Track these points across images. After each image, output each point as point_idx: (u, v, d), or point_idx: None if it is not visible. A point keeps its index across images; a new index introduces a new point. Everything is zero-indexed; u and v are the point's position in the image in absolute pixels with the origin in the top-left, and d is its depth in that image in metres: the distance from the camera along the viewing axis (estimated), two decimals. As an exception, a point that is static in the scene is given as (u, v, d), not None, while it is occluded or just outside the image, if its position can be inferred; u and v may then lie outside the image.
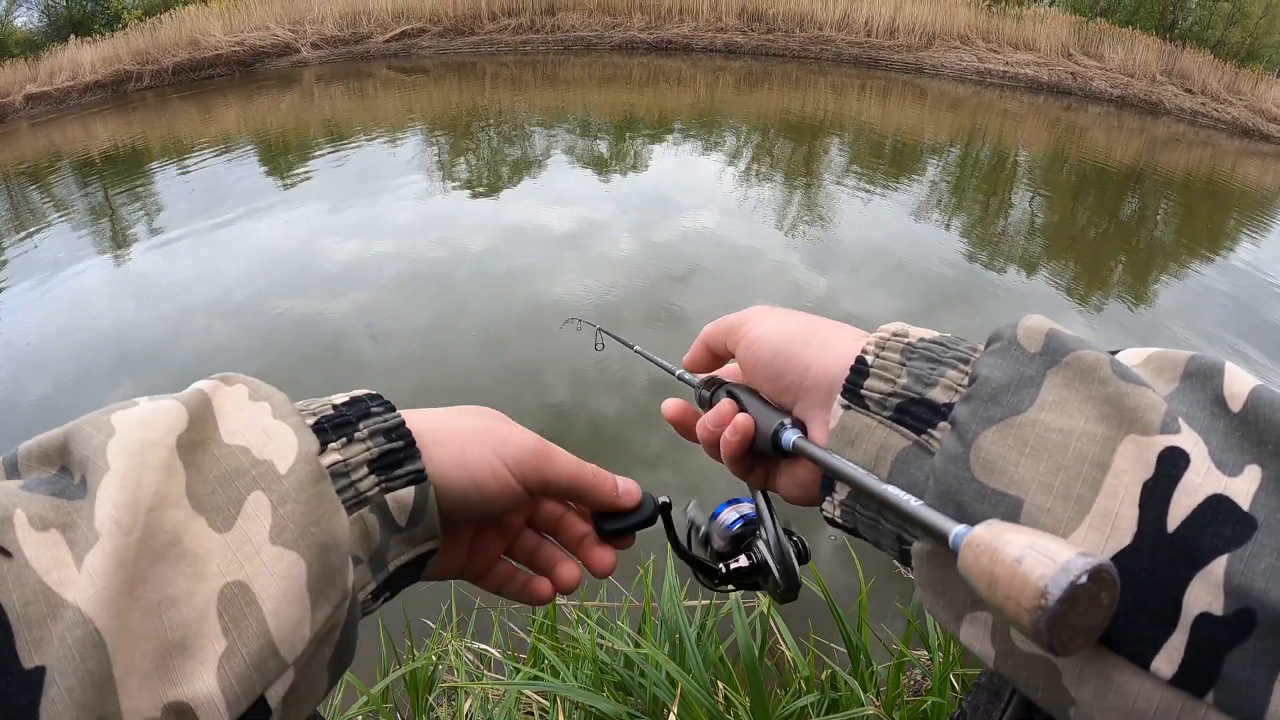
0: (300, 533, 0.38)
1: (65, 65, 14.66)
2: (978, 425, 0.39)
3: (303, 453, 0.41)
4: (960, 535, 0.35)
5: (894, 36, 16.18)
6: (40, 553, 0.33)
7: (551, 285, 5.37)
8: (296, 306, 5.13)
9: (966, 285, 5.94)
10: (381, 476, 0.45)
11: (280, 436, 0.41)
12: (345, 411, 0.46)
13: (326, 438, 0.44)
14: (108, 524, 0.34)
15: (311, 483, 0.40)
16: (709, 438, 0.57)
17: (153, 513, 0.35)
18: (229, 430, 0.41)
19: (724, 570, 0.62)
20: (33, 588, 0.32)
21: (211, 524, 0.37)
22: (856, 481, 0.44)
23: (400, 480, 0.45)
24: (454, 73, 15.01)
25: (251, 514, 0.38)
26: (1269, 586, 0.31)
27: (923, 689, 1.61)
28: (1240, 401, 0.36)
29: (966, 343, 0.46)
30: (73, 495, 0.36)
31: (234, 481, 0.39)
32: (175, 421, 0.39)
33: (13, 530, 0.33)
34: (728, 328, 0.58)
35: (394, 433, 0.47)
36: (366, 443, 0.45)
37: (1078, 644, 0.31)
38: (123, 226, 7.32)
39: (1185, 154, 12.12)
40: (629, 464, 3.39)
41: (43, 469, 0.38)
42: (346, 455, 0.44)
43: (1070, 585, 0.29)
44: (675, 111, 12.04)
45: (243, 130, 11.03)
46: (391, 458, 0.46)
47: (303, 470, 0.40)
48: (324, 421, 0.45)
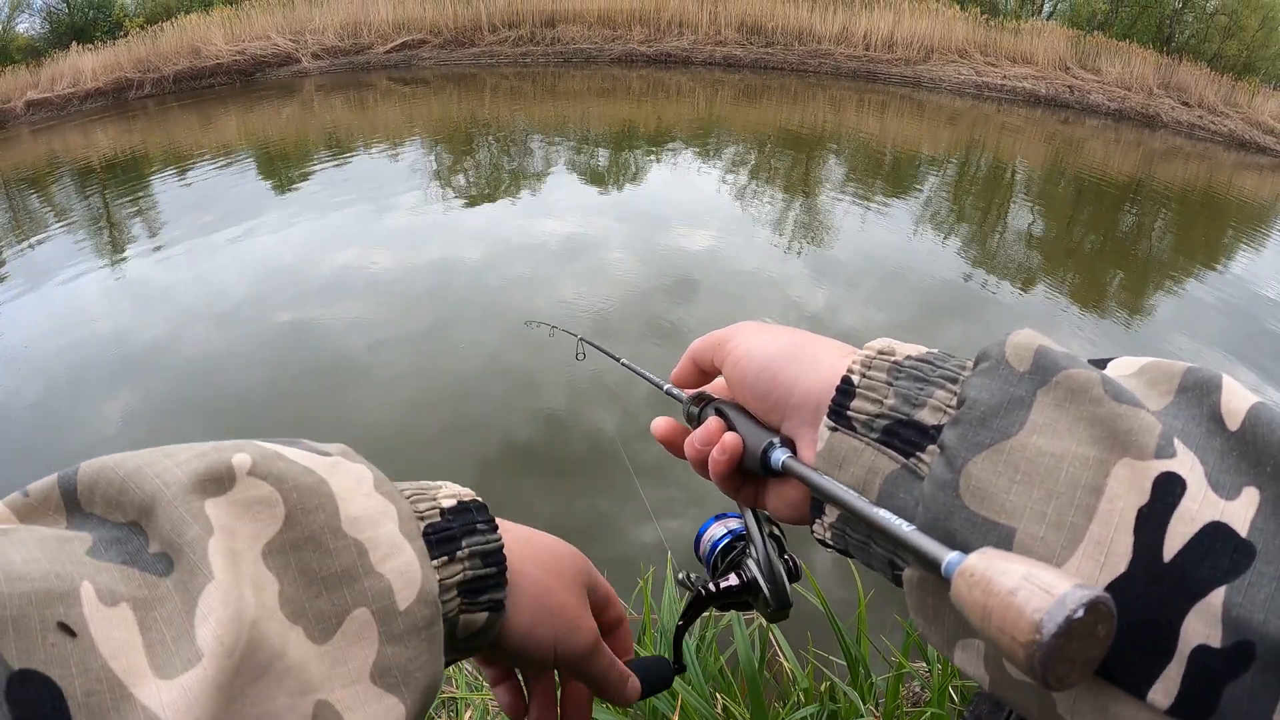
0: (404, 678, 0.38)
1: (66, 72, 14.70)
2: (967, 451, 0.38)
3: (425, 592, 0.40)
4: (954, 564, 0.34)
5: (892, 50, 16.23)
6: (109, 633, 0.30)
7: (548, 297, 5.37)
8: (294, 316, 5.13)
9: (964, 298, 5.95)
10: (465, 600, 0.44)
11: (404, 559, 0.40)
12: (451, 523, 0.45)
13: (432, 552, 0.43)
14: (211, 643, 0.31)
15: (426, 627, 0.39)
16: (697, 456, 0.56)
17: (256, 627, 0.33)
18: (349, 518, 0.39)
19: (713, 589, 0.61)
20: (97, 675, 0.29)
21: (309, 633, 0.35)
22: (848, 505, 0.43)
23: (480, 606, 0.45)
24: (454, 84, 15.04)
25: (355, 634, 0.37)
26: (1268, 618, 0.30)
27: (921, 700, 1.61)
28: (1238, 420, 0.35)
29: (955, 359, 0.45)
30: (146, 567, 0.33)
31: (341, 588, 0.37)
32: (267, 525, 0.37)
33: (79, 605, 0.30)
34: (715, 343, 0.57)
35: (491, 558, 0.46)
36: (464, 564, 0.44)
37: (1073, 678, 0.30)
38: (122, 234, 7.33)
39: (1182, 166, 12.15)
40: (629, 478, 3.39)
41: (108, 511, 0.35)
42: (444, 575, 0.43)
43: (1066, 620, 0.28)
44: (674, 124, 12.06)
45: (243, 139, 11.04)
46: (481, 583, 0.45)
47: (421, 614, 0.39)
48: (430, 532, 0.44)
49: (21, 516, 0.35)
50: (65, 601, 0.30)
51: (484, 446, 3.77)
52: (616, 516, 3.28)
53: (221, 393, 4.25)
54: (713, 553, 0.67)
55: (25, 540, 0.32)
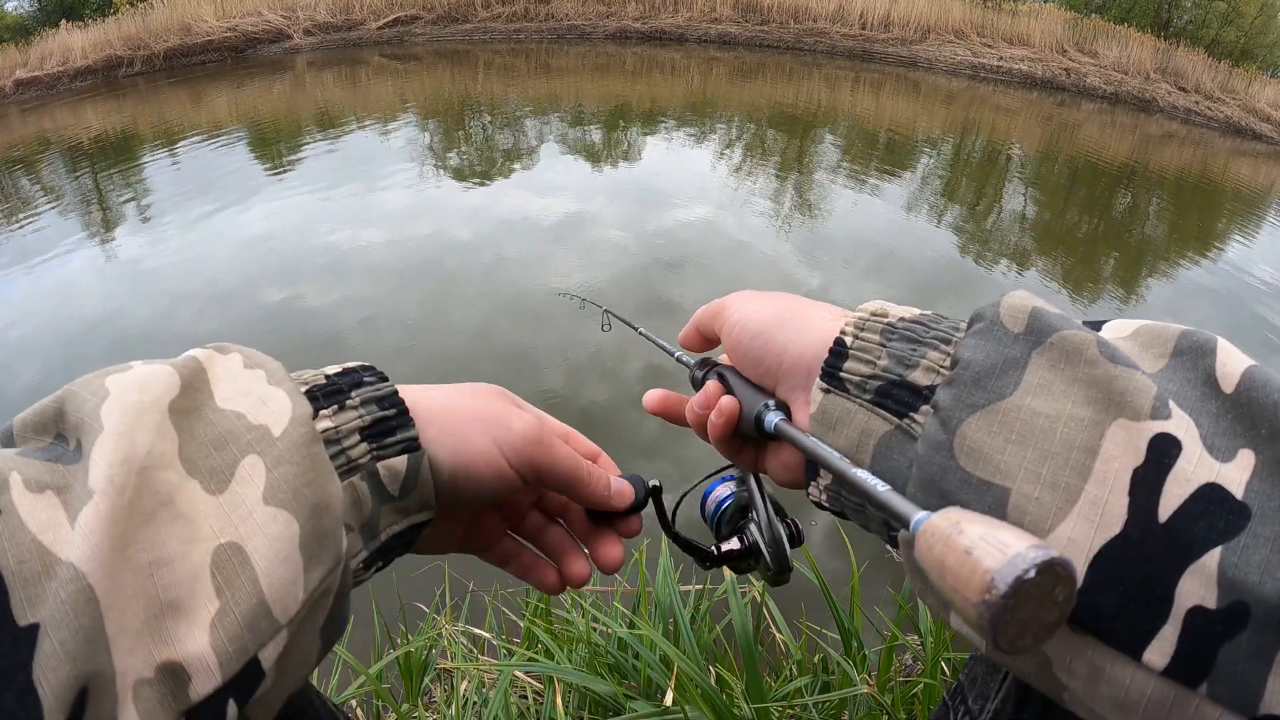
0: (293, 494, 0.38)
1: (56, 50, 14.54)
2: (961, 412, 0.38)
3: (297, 415, 0.41)
4: (920, 522, 0.34)
5: (889, 29, 16.17)
6: (35, 513, 0.33)
7: (543, 274, 5.35)
8: (286, 294, 5.11)
9: (958, 278, 5.96)
10: (373, 444, 0.44)
11: (275, 402, 0.41)
12: (338, 380, 0.46)
13: (318, 404, 0.43)
14: (101, 482, 0.33)
15: (305, 445, 0.40)
16: (696, 420, 0.57)
17: (145, 473, 0.35)
18: (223, 396, 0.41)
19: (716, 552, 0.61)
20: (28, 546, 0.32)
21: (205, 487, 0.37)
22: (829, 464, 0.43)
23: (392, 448, 0.45)
24: (447, 61, 14.93)
25: (246, 477, 0.38)
26: (1263, 579, 0.31)
27: (914, 672, 1.63)
28: (1233, 383, 0.36)
29: (948, 321, 0.45)
30: (68, 460, 0.35)
31: (228, 445, 0.38)
32: (168, 386, 0.39)
33: (8, 491, 0.33)
34: (714, 312, 0.58)
35: (386, 401, 0.46)
36: (359, 410, 0.45)
37: (1026, 642, 0.29)
38: (112, 213, 7.26)
39: (1178, 152, 12.16)
40: (623, 449, 3.40)
41: (39, 438, 0.38)
42: (338, 422, 0.44)
43: (1016, 580, 0.28)
44: (669, 102, 12.00)
45: (234, 117, 10.95)
46: (384, 425, 0.45)
47: (296, 433, 0.40)
48: (316, 390, 0.44)
49: None
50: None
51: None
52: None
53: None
54: (717, 512, 0.67)
55: None
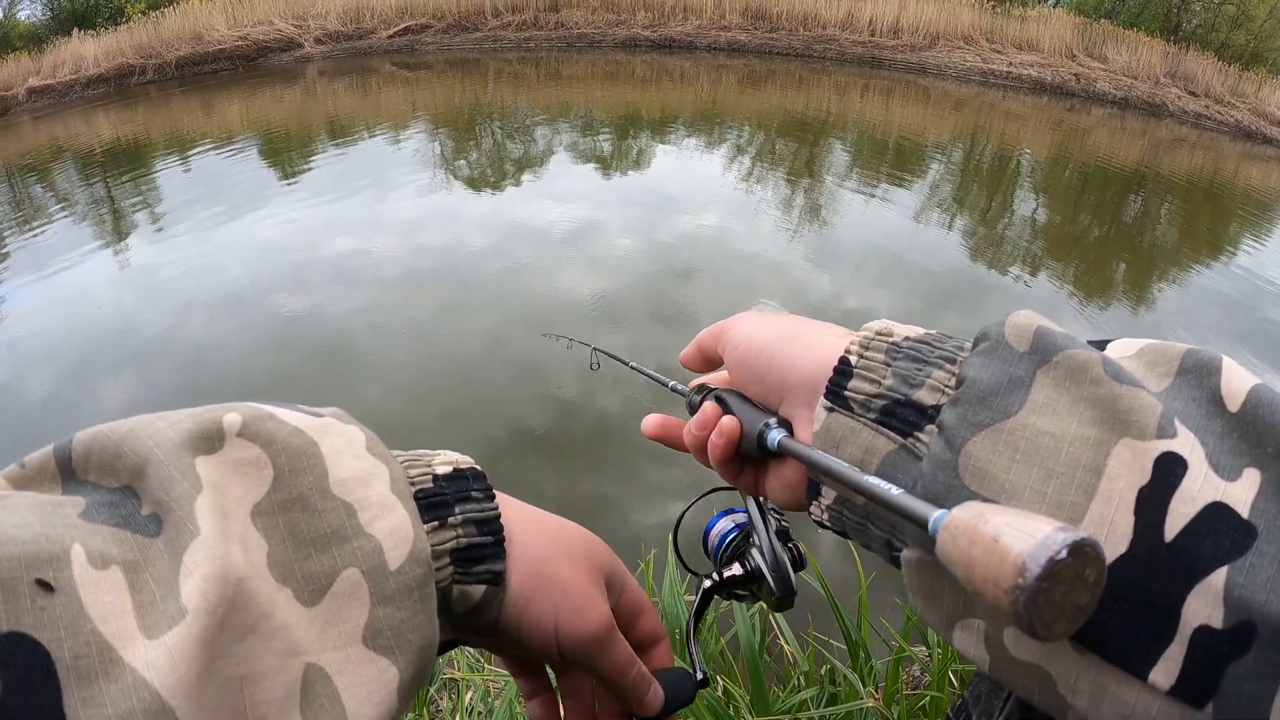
0: (397, 640, 0.37)
1: (68, 58, 14.66)
2: (966, 431, 0.38)
3: (416, 551, 0.38)
4: (940, 519, 0.33)
5: (898, 36, 16.16)
6: (99, 596, 0.30)
7: (554, 282, 5.36)
8: (297, 302, 5.13)
9: (968, 285, 5.94)
10: (459, 569, 0.43)
11: (395, 519, 0.39)
12: (445, 489, 0.44)
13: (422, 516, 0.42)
14: (196, 599, 0.30)
15: (419, 587, 0.38)
16: (695, 442, 0.56)
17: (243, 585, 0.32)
18: (338, 480, 0.38)
19: (718, 579, 0.61)
20: (86, 639, 0.29)
21: (298, 595, 0.35)
22: (839, 475, 0.42)
23: (475, 577, 0.44)
24: (457, 69, 14.99)
25: (345, 595, 0.36)
26: (1269, 598, 0.30)
27: (922, 684, 1.62)
28: (1238, 401, 0.35)
29: (953, 340, 0.44)
30: (139, 529, 0.33)
31: (331, 549, 0.36)
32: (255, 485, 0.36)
33: (69, 567, 0.30)
34: (717, 332, 0.57)
35: (486, 526, 0.45)
36: (458, 530, 0.43)
37: (1061, 626, 0.29)
38: (125, 221, 7.32)
39: (1188, 156, 12.11)
40: (635, 458, 3.40)
41: (102, 476, 0.35)
42: (436, 541, 0.42)
43: (1049, 561, 0.27)
44: (678, 110, 12.03)
45: (245, 125, 11.02)
46: (476, 552, 0.44)
47: (413, 574, 0.38)
48: (422, 496, 0.43)
49: (18, 487, 0.34)
50: (55, 565, 0.29)
51: (489, 431, 3.77)
52: (620, 498, 3.29)
53: (225, 378, 4.25)
54: (720, 546, 0.67)
55: (18, 505, 0.31)
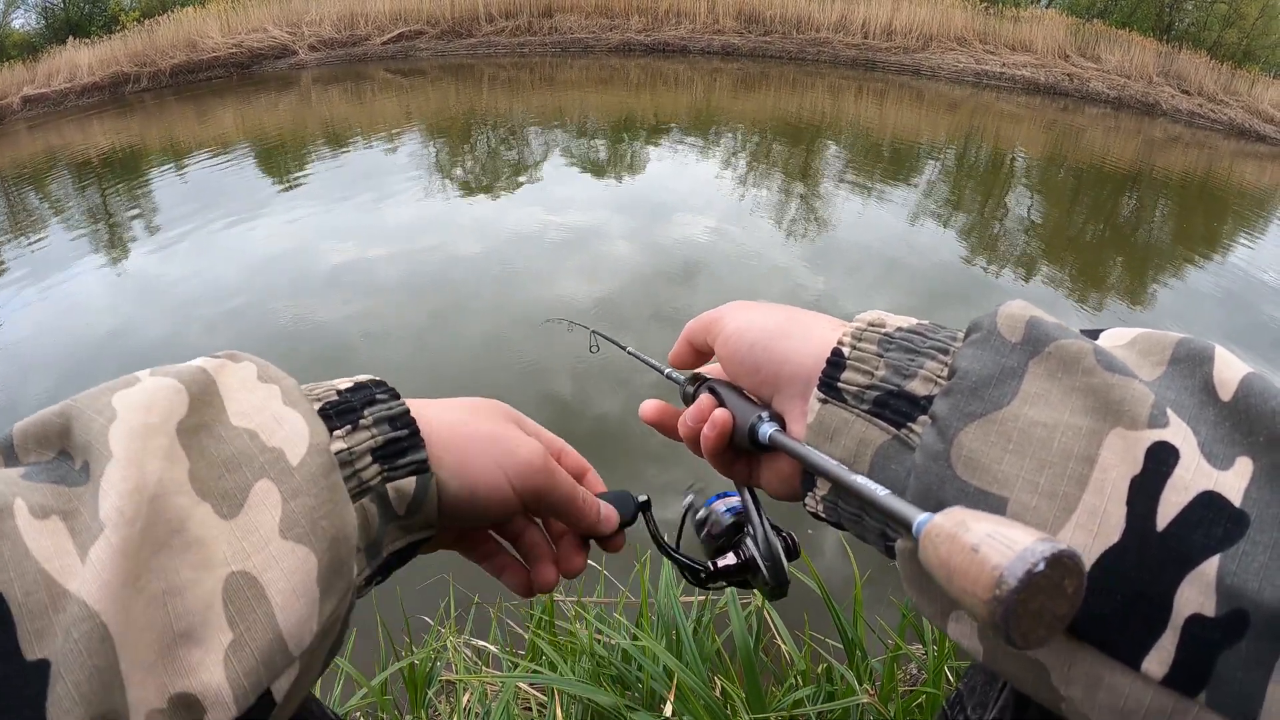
0: (311, 526, 0.38)
1: (63, 67, 14.65)
2: (959, 421, 0.38)
3: (315, 443, 0.40)
4: (923, 524, 0.33)
5: (891, 38, 16.17)
6: (41, 541, 0.32)
7: (550, 287, 5.36)
8: (293, 309, 5.12)
9: (964, 285, 5.94)
10: (384, 465, 0.44)
11: (291, 424, 0.40)
12: (350, 398, 0.45)
13: (331, 424, 0.43)
14: (112, 514, 0.32)
15: (324, 475, 0.39)
16: (689, 434, 0.57)
17: (156, 500, 0.34)
18: (236, 411, 0.40)
19: (711, 568, 0.61)
20: (34, 577, 0.31)
21: (217, 510, 0.36)
22: (828, 473, 0.43)
23: (403, 470, 0.45)
24: (451, 75, 14.98)
25: (259, 503, 0.37)
26: (1262, 587, 0.31)
27: (918, 682, 1.62)
28: (1230, 390, 0.36)
29: (946, 331, 0.45)
30: (73, 481, 0.34)
31: (241, 467, 0.38)
32: (177, 405, 0.38)
33: (13, 518, 0.32)
34: (707, 323, 0.58)
35: (398, 421, 0.46)
36: (371, 430, 0.44)
37: (1039, 635, 0.29)
38: (120, 229, 7.30)
39: (1182, 155, 12.12)
40: (634, 458, 3.40)
41: (41, 451, 0.37)
42: (351, 443, 0.43)
43: (1026, 574, 0.28)
44: (673, 114, 12.03)
45: (240, 133, 11.01)
46: (395, 446, 0.45)
47: (314, 462, 0.39)
48: (329, 408, 0.44)
49: None
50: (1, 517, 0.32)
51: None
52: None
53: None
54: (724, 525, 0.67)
55: None
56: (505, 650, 1.78)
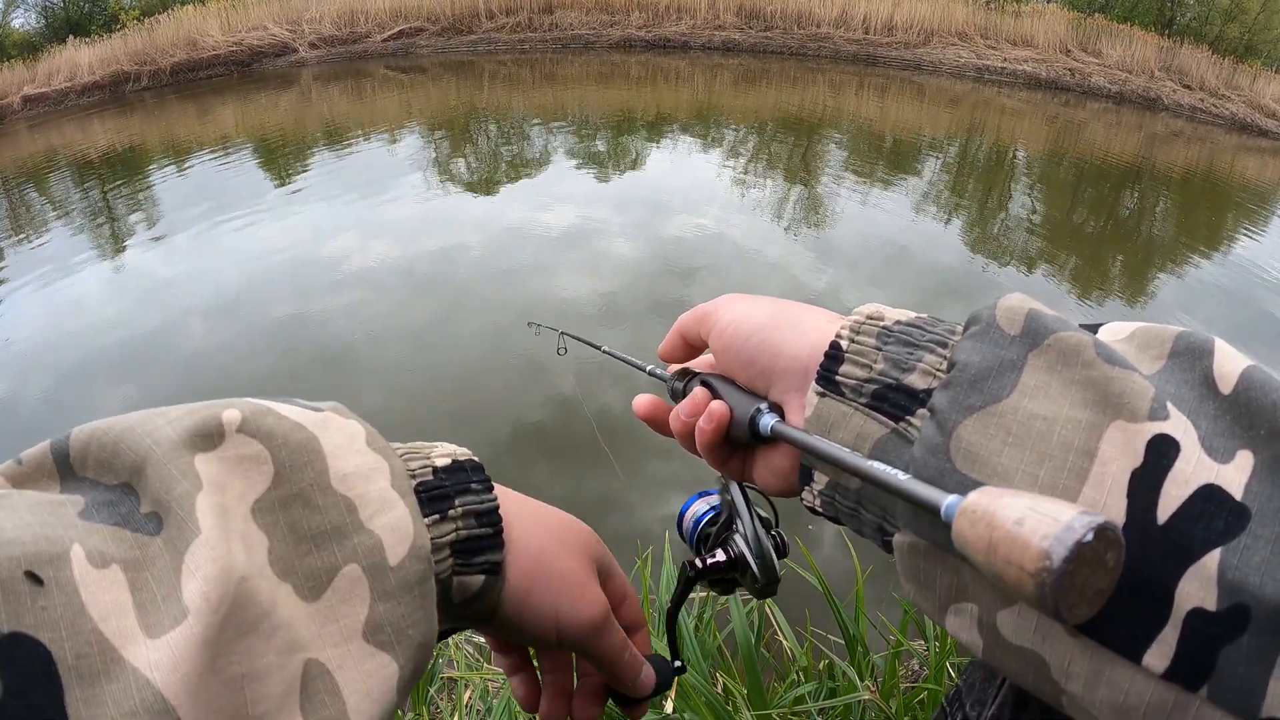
0: (397, 635, 0.37)
1: (63, 66, 14.67)
2: (958, 414, 0.38)
3: (416, 548, 0.39)
4: (954, 505, 0.33)
5: (892, 33, 16.16)
6: (98, 595, 0.30)
7: (552, 283, 5.37)
8: (294, 307, 5.13)
9: (966, 279, 5.94)
10: (459, 560, 0.43)
11: (395, 514, 0.39)
12: (445, 481, 0.44)
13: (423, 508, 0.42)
14: (198, 600, 0.31)
15: (418, 583, 0.39)
16: (683, 428, 0.55)
17: (244, 584, 0.32)
18: (339, 474, 0.38)
19: (699, 566, 0.60)
20: (87, 638, 0.29)
21: (298, 590, 0.35)
22: (841, 462, 0.42)
23: (474, 568, 0.44)
24: (452, 72, 14.99)
25: (346, 591, 0.36)
26: (1263, 581, 0.30)
27: (920, 678, 1.62)
28: (1231, 383, 0.35)
29: (944, 324, 0.44)
30: (138, 527, 0.33)
31: (331, 545, 0.36)
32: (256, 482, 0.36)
33: (69, 566, 0.30)
34: (701, 315, 0.57)
35: (485, 517, 0.45)
36: (457, 523, 0.44)
37: (1083, 610, 0.30)
38: (121, 227, 7.32)
39: (1184, 150, 12.11)
40: (636, 454, 3.40)
41: (101, 474, 0.35)
42: (435, 534, 0.42)
43: (1076, 544, 0.28)
44: (674, 109, 12.03)
45: (241, 131, 11.02)
46: (475, 543, 0.44)
47: (413, 570, 0.39)
48: (423, 489, 0.43)
49: (16, 483, 0.35)
50: (54, 565, 0.29)
51: (492, 430, 3.76)
52: (624, 494, 3.29)
53: (224, 384, 4.23)
54: (695, 529, 0.66)
55: (17, 505, 0.31)
56: (506, 647, 1.78)
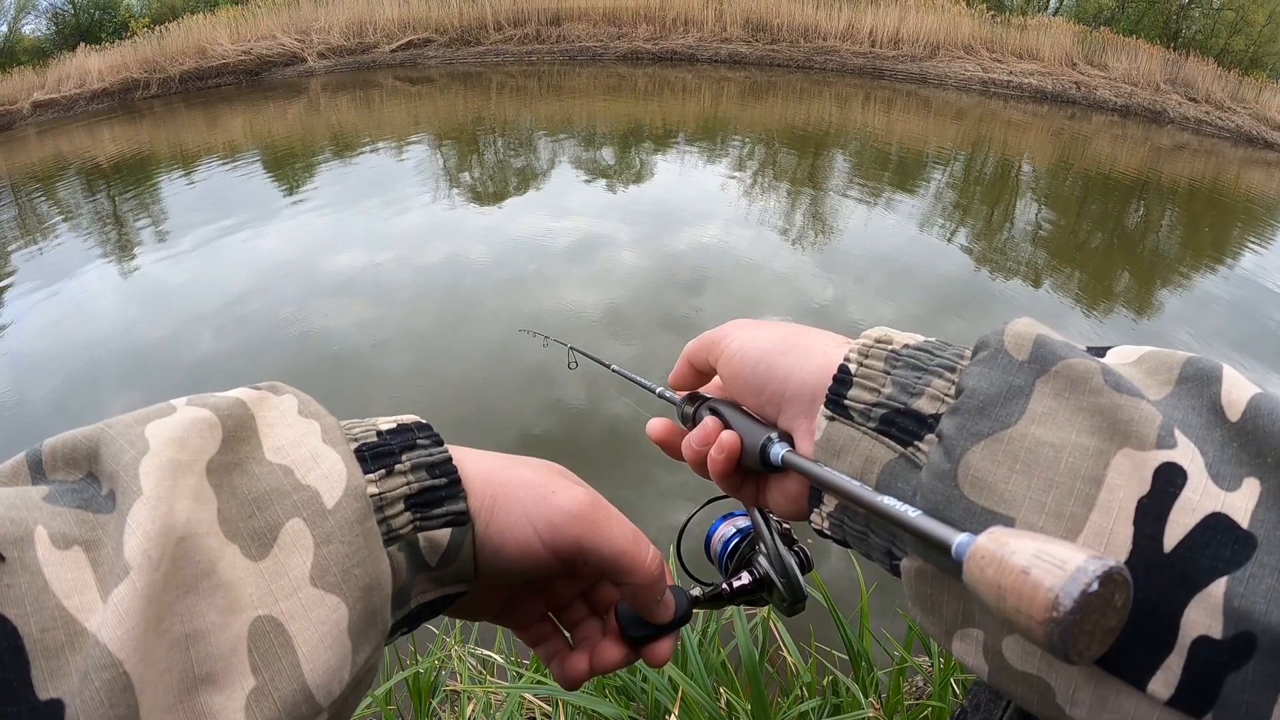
0: (344, 575, 0.37)
1: (73, 73, 14.79)
2: (965, 440, 0.38)
3: (352, 487, 0.39)
4: (964, 545, 0.33)
5: (898, 47, 16.20)
6: (62, 574, 0.31)
7: (557, 294, 5.38)
8: (300, 316, 5.14)
9: (972, 293, 5.94)
10: (417, 514, 0.43)
11: (328, 463, 0.39)
12: (390, 440, 0.44)
13: (366, 467, 0.41)
14: (138, 556, 0.31)
15: (359, 521, 0.38)
16: (695, 457, 0.55)
17: (185, 542, 0.33)
18: (273, 446, 0.39)
19: (727, 590, 0.61)
20: (51, 613, 0.30)
21: (245, 551, 0.35)
22: (852, 495, 0.42)
23: (437, 520, 0.43)
24: (460, 83, 15.05)
25: (290, 544, 0.36)
26: (1269, 609, 0.30)
27: (924, 694, 1.61)
28: (1239, 410, 0.35)
29: (952, 348, 0.44)
30: (99, 508, 0.34)
31: (273, 504, 0.37)
32: (209, 441, 0.37)
33: (33, 547, 0.31)
34: (709, 343, 0.57)
35: (438, 469, 0.44)
36: (407, 476, 0.43)
37: (1093, 650, 0.30)
38: (130, 234, 7.35)
39: (1189, 163, 12.10)
40: (646, 464, 3.41)
41: (69, 471, 0.36)
42: (384, 488, 0.41)
43: (1082, 594, 0.28)
44: (680, 122, 12.06)
45: (249, 139, 11.07)
46: (431, 495, 0.43)
47: (351, 507, 0.38)
48: (366, 449, 0.42)
49: None
50: (19, 546, 0.31)
51: (501, 440, 3.76)
52: (634, 504, 3.28)
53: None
54: (724, 553, 0.67)
55: None
56: (510, 660, 1.78)
